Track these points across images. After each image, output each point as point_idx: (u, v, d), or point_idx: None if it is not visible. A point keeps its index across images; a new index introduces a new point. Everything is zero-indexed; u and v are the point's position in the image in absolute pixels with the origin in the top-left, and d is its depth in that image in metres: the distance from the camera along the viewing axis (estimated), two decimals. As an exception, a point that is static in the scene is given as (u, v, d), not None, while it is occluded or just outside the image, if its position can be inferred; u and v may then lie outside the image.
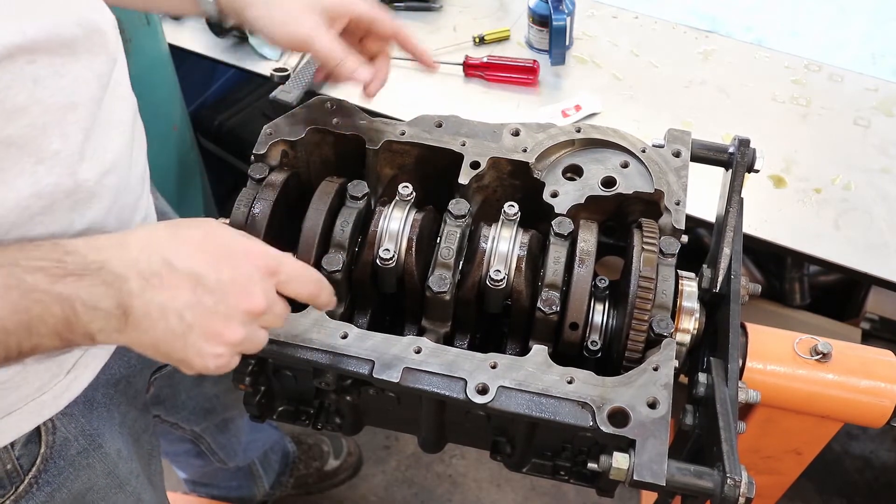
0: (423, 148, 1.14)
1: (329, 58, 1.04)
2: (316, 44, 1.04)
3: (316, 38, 1.03)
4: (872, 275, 1.52)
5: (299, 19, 1.03)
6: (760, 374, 1.13)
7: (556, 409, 0.91)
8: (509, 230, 1.04)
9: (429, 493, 2.29)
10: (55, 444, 1.00)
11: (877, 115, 1.78)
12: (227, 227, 0.83)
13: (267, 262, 0.80)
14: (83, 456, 1.05)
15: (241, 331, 0.78)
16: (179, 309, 0.74)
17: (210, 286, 0.75)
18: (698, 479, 0.87)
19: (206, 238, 0.79)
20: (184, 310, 0.75)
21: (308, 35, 1.03)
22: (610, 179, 1.11)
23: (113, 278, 0.73)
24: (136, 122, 1.05)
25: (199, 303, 0.75)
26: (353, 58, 1.06)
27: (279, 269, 0.81)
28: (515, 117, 1.70)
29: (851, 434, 2.36)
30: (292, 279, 0.83)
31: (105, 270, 0.73)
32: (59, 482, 1.02)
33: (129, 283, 0.74)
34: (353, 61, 1.05)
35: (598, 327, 1.02)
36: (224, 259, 0.77)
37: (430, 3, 2.02)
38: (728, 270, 1.06)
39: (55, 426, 1.00)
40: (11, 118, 0.78)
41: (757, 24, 1.99)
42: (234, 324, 0.77)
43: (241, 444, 1.84)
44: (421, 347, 0.95)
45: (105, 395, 1.09)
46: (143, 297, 0.74)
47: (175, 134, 2.11)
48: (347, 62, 1.05)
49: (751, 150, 1.11)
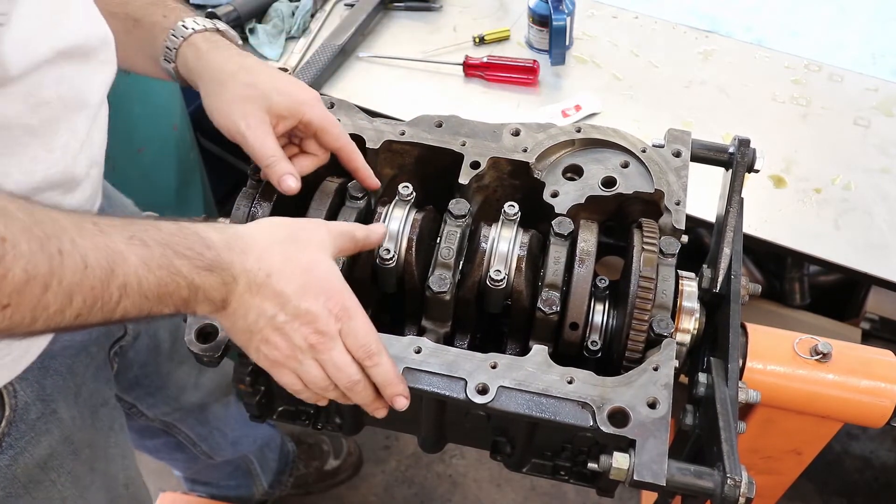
0: (423, 148, 1.14)
1: (261, 156, 1.03)
2: (250, 139, 1.03)
3: (249, 134, 1.02)
4: (872, 275, 1.52)
5: (241, 111, 1.03)
6: (760, 374, 1.13)
7: (557, 409, 0.91)
8: (509, 230, 1.04)
9: (429, 493, 2.29)
10: (17, 408, 1.03)
11: (877, 115, 1.78)
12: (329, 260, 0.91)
13: (339, 309, 0.89)
14: (42, 421, 1.07)
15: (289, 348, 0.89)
16: (258, 315, 0.87)
17: (288, 309, 0.87)
18: (698, 479, 0.87)
19: (309, 268, 0.89)
20: (261, 317, 0.87)
21: (243, 130, 1.03)
22: (610, 179, 1.11)
23: (230, 279, 0.85)
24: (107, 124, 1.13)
25: (274, 317, 0.87)
26: (284, 163, 1.03)
27: (345, 319, 0.90)
28: (515, 117, 1.70)
29: (851, 434, 2.36)
30: (351, 334, 0.90)
31: (227, 271, 0.85)
32: (21, 446, 1.04)
33: (239, 286, 0.86)
34: (282, 167, 1.03)
35: (598, 327, 1.02)
36: (311, 291, 0.88)
37: (430, 3, 2.01)
38: (728, 270, 1.06)
39: (16, 390, 1.02)
40: (37, 110, 0.89)
41: (757, 24, 1.99)
42: (288, 342, 0.89)
43: (226, 437, 1.84)
44: (421, 347, 0.95)
45: (62, 364, 1.11)
46: (242, 298, 0.87)
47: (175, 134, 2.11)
48: (277, 166, 1.03)
49: (751, 150, 1.11)
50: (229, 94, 1.03)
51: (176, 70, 1.08)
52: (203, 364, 0.98)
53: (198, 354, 0.96)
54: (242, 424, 1.88)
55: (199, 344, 0.97)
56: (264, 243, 0.89)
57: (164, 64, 1.09)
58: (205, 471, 1.98)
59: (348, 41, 1.87)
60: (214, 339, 0.96)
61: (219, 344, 0.96)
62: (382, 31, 1.98)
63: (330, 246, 0.93)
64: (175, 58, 1.07)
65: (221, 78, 1.05)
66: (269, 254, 0.88)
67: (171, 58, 1.07)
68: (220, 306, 0.86)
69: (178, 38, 1.06)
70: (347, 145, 1.09)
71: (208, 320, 0.98)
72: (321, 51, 1.84)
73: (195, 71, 1.06)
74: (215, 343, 0.96)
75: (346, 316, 0.89)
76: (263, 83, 1.04)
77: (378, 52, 1.91)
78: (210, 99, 1.05)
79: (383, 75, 1.87)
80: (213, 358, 0.96)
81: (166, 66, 1.09)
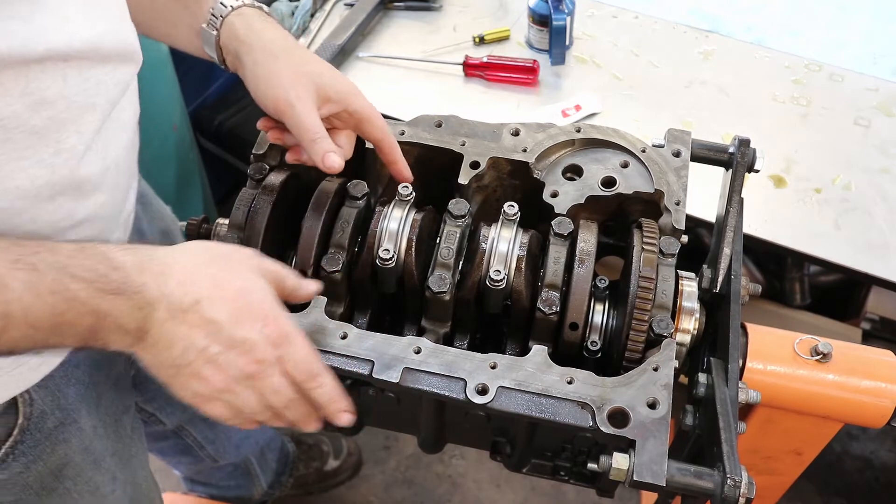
0: (423, 148, 1.14)
1: (307, 129, 0.99)
2: (298, 111, 0.99)
3: (298, 105, 0.99)
4: (872, 275, 1.52)
5: (291, 83, 1.00)
6: (761, 374, 1.13)
7: (556, 410, 0.91)
8: (509, 230, 1.03)
9: (429, 494, 2.29)
10: (32, 417, 1.01)
11: (877, 115, 1.78)
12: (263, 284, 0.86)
13: (278, 336, 0.84)
14: (59, 430, 1.06)
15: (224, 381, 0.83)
16: (187, 346, 0.80)
17: (222, 338, 0.81)
18: (698, 480, 0.87)
19: (242, 293, 0.83)
20: (190, 348, 0.80)
21: (293, 100, 0.99)
22: (610, 179, 1.10)
23: (144, 303, 0.78)
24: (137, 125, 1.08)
25: (206, 348, 0.81)
26: (328, 140, 1.00)
27: (284, 345, 0.85)
28: (515, 117, 1.70)
29: (852, 434, 2.36)
30: (291, 360, 0.85)
31: (141, 295, 0.78)
32: (35, 454, 1.03)
33: (157, 312, 0.79)
34: (327, 143, 1.00)
35: (598, 327, 1.01)
36: (246, 318, 0.82)
37: (430, 2, 2.01)
38: (728, 270, 1.06)
39: (32, 399, 1.01)
40: (39, 109, 0.83)
41: (757, 24, 1.99)
42: (223, 374, 0.82)
43: (231, 440, 1.84)
44: (421, 347, 0.95)
45: (84, 373, 1.10)
46: (163, 327, 0.79)
47: (175, 134, 2.11)
48: (322, 142, 0.99)
49: (751, 150, 1.11)
50: (282, 66, 1.01)
51: (217, 39, 1.05)
52: None
53: None
54: None
55: None
56: (189, 266, 0.82)
57: (206, 30, 1.05)
58: (205, 471, 1.98)
59: (348, 41, 1.87)
60: None
61: None
62: (382, 31, 1.98)
63: (261, 271, 0.87)
64: (220, 26, 1.04)
65: (274, 51, 1.02)
66: (196, 277, 0.81)
67: (217, 25, 1.04)
68: (137, 336, 0.79)
69: (226, 6, 1.04)
70: (389, 137, 1.08)
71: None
72: (321, 51, 1.84)
73: (245, 41, 1.03)
74: None
75: (286, 341, 0.85)
76: (315, 66, 1.03)
77: (378, 51, 1.91)
78: (259, 69, 1.01)
79: (383, 75, 1.87)
80: None
81: (207, 33, 1.05)
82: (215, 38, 1.05)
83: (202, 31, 1.05)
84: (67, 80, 0.86)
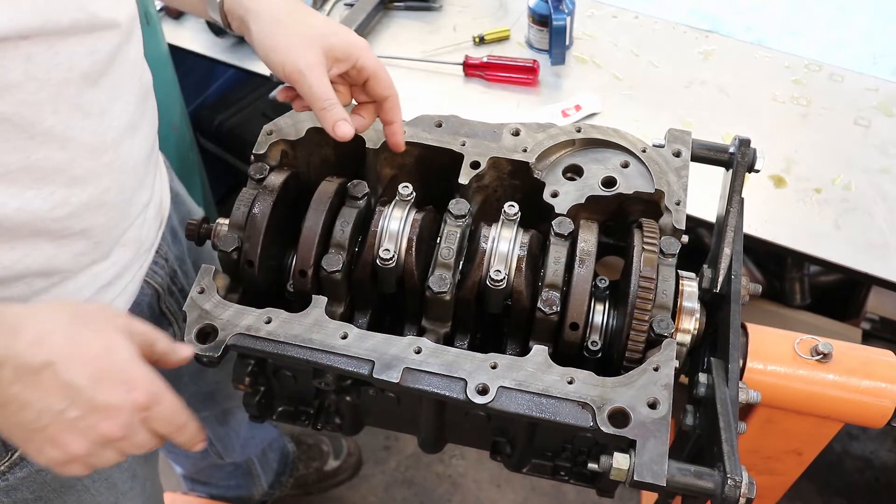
0: (423, 148, 1.14)
1: (317, 98, 0.98)
2: (308, 79, 0.98)
3: (309, 74, 0.98)
4: (873, 275, 1.52)
5: (299, 50, 0.99)
6: (761, 374, 1.13)
7: (557, 410, 0.91)
8: (509, 230, 1.03)
9: (429, 494, 2.29)
10: None
11: (877, 115, 1.78)
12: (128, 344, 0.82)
13: (146, 399, 0.81)
14: None
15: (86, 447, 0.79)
16: (41, 410, 0.76)
17: (81, 403, 0.77)
18: (699, 480, 0.87)
19: (103, 354, 0.79)
20: (44, 412, 0.76)
21: (303, 69, 0.98)
22: (610, 179, 1.10)
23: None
24: (146, 102, 1.03)
25: (63, 413, 0.76)
26: (339, 108, 1.00)
27: (152, 407, 0.82)
28: (515, 117, 1.71)
29: (852, 434, 2.36)
30: (158, 419, 0.83)
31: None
32: None
33: (4, 372, 0.74)
34: (338, 111, 0.99)
35: (599, 327, 1.01)
36: (107, 382, 0.78)
37: (430, 2, 2.01)
38: (728, 270, 1.06)
39: None
40: (4, 95, 0.79)
41: (757, 24, 1.99)
42: (83, 440, 0.78)
43: (239, 439, 1.84)
44: (421, 348, 0.95)
45: None
46: (10, 389, 0.74)
47: (175, 134, 2.11)
48: (333, 110, 0.99)
49: (751, 150, 1.11)
50: (288, 31, 0.99)
51: (221, 6, 1.04)
52: (202, 364, 0.97)
53: (198, 355, 0.96)
54: (250, 426, 1.88)
55: (198, 344, 0.96)
56: (44, 325, 0.77)
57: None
58: (206, 470, 1.98)
59: (348, 41, 1.87)
60: (214, 340, 0.96)
61: (218, 344, 0.96)
62: (382, 31, 1.98)
63: (128, 332, 0.83)
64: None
65: (279, 16, 1.00)
66: (51, 337, 0.76)
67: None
68: None
69: None
70: (395, 95, 1.07)
71: (208, 320, 0.97)
72: (321, 51, 1.84)
73: (250, 8, 1.02)
74: (214, 343, 0.96)
75: (154, 402, 0.81)
76: (321, 25, 1.02)
77: (378, 51, 1.91)
78: (265, 37, 1.00)
79: (383, 75, 1.87)
80: (213, 359, 0.96)
81: None
82: (219, 3, 1.04)
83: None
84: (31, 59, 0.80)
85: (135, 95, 1.00)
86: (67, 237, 0.94)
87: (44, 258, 0.93)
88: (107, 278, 1.04)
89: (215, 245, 1.06)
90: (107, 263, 1.03)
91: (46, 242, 0.92)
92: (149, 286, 1.16)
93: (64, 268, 0.97)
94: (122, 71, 0.95)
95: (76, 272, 0.99)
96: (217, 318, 0.97)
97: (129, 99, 0.98)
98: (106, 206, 0.97)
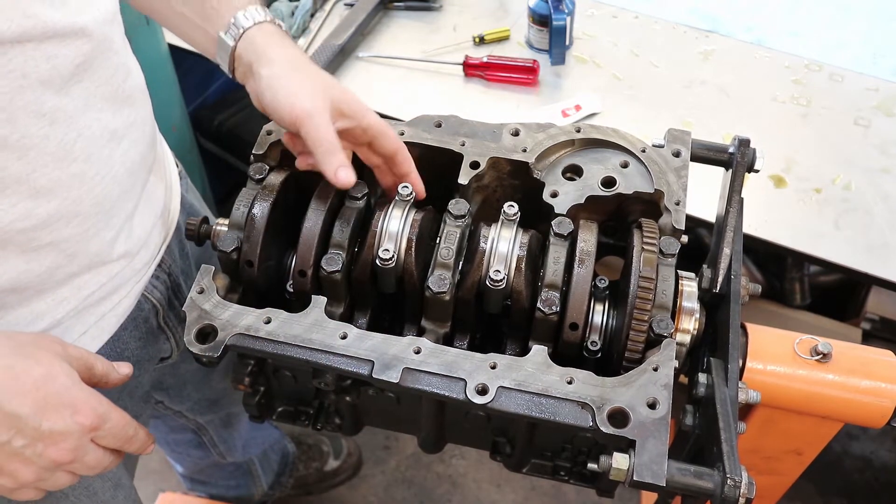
0: (422, 148, 1.14)
1: (322, 140, 0.98)
2: (315, 120, 0.98)
3: (317, 116, 0.98)
4: (872, 275, 1.52)
5: (309, 93, 0.99)
6: (760, 374, 1.13)
7: (556, 410, 0.91)
8: (509, 230, 1.03)
9: (429, 494, 2.29)
10: None
11: (877, 114, 1.78)
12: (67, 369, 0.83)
13: (92, 421, 0.82)
14: None
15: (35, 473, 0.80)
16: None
17: (27, 432, 0.77)
18: (698, 480, 0.87)
19: (44, 381, 0.79)
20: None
21: (311, 111, 0.98)
22: (610, 179, 1.10)
23: None
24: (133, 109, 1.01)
25: (9, 443, 0.77)
26: (342, 154, 1.00)
27: (101, 427, 0.83)
28: (515, 117, 1.70)
29: (852, 434, 2.36)
30: (108, 436, 0.85)
31: None
32: None
33: None
34: (341, 157, 0.99)
35: (598, 327, 1.01)
36: (51, 408, 0.79)
37: (430, 2, 2.02)
38: (728, 270, 1.06)
39: None
40: None
41: (757, 24, 1.99)
42: (33, 467, 0.80)
43: (241, 440, 1.85)
44: (420, 348, 0.95)
45: None
46: None
47: (175, 134, 2.11)
48: (336, 155, 0.99)
49: (751, 150, 1.11)
50: (301, 76, 1.01)
51: (233, 49, 1.04)
52: (202, 364, 0.97)
53: (197, 355, 0.96)
54: (252, 427, 1.89)
55: (198, 344, 0.96)
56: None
57: (223, 38, 1.04)
58: (206, 470, 1.98)
59: (348, 41, 1.87)
60: (213, 340, 0.96)
61: (217, 344, 0.96)
62: (382, 31, 1.98)
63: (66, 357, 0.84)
64: (240, 37, 1.04)
65: (295, 64, 1.02)
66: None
67: (236, 35, 1.04)
68: None
69: (248, 20, 1.04)
70: (403, 150, 1.08)
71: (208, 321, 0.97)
72: (321, 51, 1.84)
73: (264, 53, 1.02)
74: (214, 343, 0.96)
75: (101, 421, 0.83)
76: (331, 84, 1.04)
77: (378, 51, 1.91)
78: (276, 80, 1.01)
79: (383, 75, 1.87)
80: (213, 359, 0.95)
81: (224, 42, 1.04)
82: (232, 48, 1.04)
83: (219, 38, 1.05)
84: None
85: (114, 102, 0.96)
86: (36, 249, 0.91)
87: (14, 272, 0.90)
88: (94, 293, 1.01)
89: (215, 245, 1.06)
90: (90, 277, 1.00)
91: (14, 255, 0.89)
92: (147, 301, 1.14)
93: (36, 282, 0.93)
94: (97, 78, 0.92)
95: (54, 286, 0.96)
96: (216, 318, 0.97)
97: (104, 107, 0.94)
98: (79, 217, 0.94)
